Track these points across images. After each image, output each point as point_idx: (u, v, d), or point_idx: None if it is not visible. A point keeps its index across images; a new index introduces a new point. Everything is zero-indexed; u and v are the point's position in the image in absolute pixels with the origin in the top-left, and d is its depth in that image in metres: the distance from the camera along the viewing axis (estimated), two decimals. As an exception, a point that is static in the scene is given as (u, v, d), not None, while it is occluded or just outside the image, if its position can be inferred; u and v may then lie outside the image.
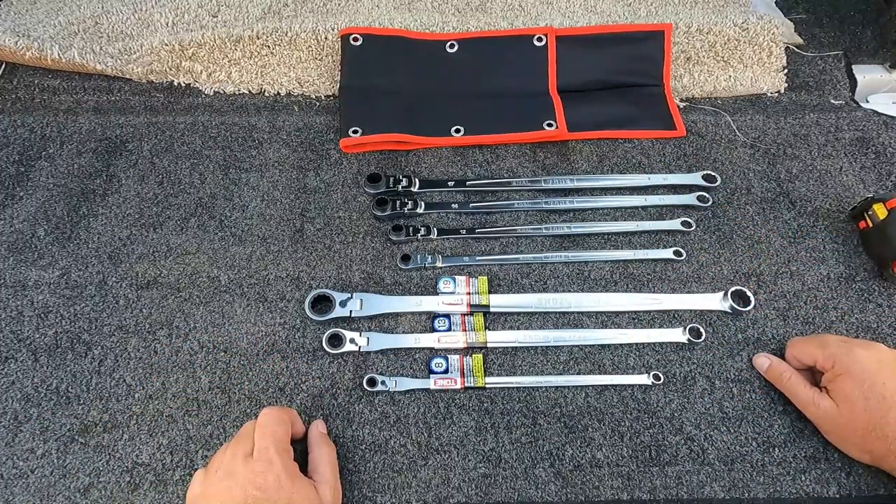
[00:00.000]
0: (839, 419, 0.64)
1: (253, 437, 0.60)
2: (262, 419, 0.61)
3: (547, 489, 0.67)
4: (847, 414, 0.63)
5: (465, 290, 0.79)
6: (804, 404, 0.68)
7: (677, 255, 0.84)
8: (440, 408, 0.72)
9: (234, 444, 0.60)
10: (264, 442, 0.58)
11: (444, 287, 0.80)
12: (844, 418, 0.63)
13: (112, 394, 0.72)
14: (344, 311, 0.77)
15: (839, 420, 0.64)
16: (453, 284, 0.80)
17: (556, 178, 0.91)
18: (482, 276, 0.81)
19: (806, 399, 0.67)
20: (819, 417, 0.66)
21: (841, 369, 0.64)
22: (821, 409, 0.65)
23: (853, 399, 0.62)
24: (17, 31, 1.00)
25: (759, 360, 0.73)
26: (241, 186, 0.90)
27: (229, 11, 1.06)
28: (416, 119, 0.95)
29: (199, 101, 1.00)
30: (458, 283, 0.80)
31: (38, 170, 0.90)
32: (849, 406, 0.62)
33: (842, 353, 0.64)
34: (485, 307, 0.78)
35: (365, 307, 0.77)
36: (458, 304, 0.78)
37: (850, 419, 0.62)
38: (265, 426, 0.60)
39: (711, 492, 0.67)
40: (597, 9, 1.09)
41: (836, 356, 0.64)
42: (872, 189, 0.92)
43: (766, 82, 1.04)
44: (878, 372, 0.62)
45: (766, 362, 0.72)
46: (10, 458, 0.67)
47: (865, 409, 0.61)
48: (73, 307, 0.78)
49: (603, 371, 0.75)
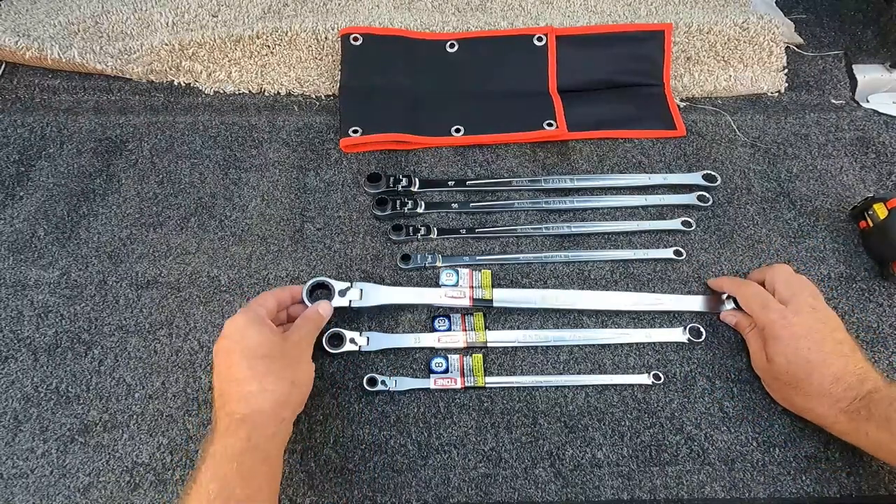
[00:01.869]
0: (770, 373, 0.70)
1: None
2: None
3: (547, 489, 0.67)
4: (775, 370, 0.69)
5: (469, 284, 0.79)
6: (752, 356, 0.74)
7: (677, 254, 0.84)
8: (440, 407, 0.72)
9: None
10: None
11: (447, 279, 0.79)
12: (773, 374, 0.69)
13: (112, 393, 0.72)
14: (343, 301, 0.75)
15: (770, 374, 0.70)
16: (456, 277, 0.79)
17: (556, 178, 0.91)
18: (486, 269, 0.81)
19: (753, 349, 0.73)
20: (757, 367, 0.73)
21: (770, 334, 0.69)
22: (758, 361, 0.72)
23: (778, 360, 0.68)
24: (17, 31, 1.00)
25: (729, 317, 0.78)
26: (241, 186, 0.90)
27: (229, 11, 1.06)
28: (416, 119, 0.95)
29: (199, 101, 1.00)
30: (462, 275, 0.80)
31: (38, 170, 0.90)
32: (776, 364, 0.68)
33: (773, 319, 0.69)
34: (487, 301, 0.78)
35: (365, 297, 0.76)
36: (461, 298, 0.78)
37: (776, 375, 0.69)
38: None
39: (711, 491, 0.67)
40: (597, 9, 1.09)
41: (768, 320, 0.69)
42: (873, 189, 0.92)
43: (766, 82, 1.04)
44: (804, 338, 0.67)
45: (733, 319, 0.77)
46: (10, 457, 0.67)
47: (788, 370, 0.67)
48: (73, 307, 0.78)
49: (603, 371, 0.75)
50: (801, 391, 0.66)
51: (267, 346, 0.61)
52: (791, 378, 0.67)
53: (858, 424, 0.62)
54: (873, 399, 0.61)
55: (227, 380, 0.60)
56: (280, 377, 0.60)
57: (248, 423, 0.57)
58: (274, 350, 0.62)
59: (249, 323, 0.63)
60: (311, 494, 0.66)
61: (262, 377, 0.59)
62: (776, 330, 0.68)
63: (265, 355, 0.61)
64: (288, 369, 0.62)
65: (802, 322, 0.68)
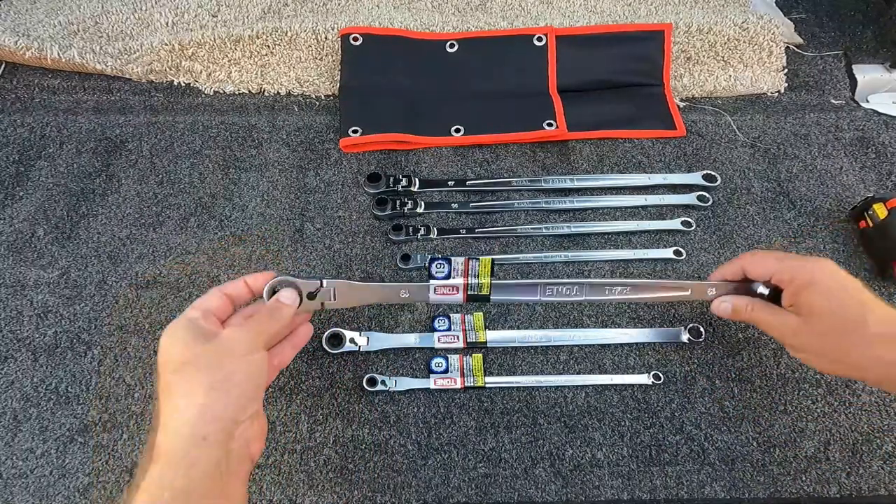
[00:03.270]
0: (809, 333, 0.59)
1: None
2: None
3: (547, 489, 0.67)
4: (818, 325, 0.58)
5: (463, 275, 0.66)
6: (769, 326, 0.63)
7: (677, 254, 0.84)
8: (440, 407, 0.72)
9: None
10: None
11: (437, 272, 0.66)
12: (815, 330, 0.58)
13: (112, 393, 0.72)
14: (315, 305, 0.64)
15: (809, 333, 0.59)
16: (447, 268, 0.66)
17: (556, 178, 0.91)
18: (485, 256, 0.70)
19: (772, 319, 0.62)
20: (786, 335, 0.62)
21: (803, 280, 0.59)
22: (786, 326, 0.61)
23: (822, 308, 0.57)
24: (17, 31, 1.00)
25: (722, 307, 0.67)
26: (240, 186, 0.90)
27: (229, 11, 1.06)
28: (415, 119, 0.95)
29: (199, 101, 1.00)
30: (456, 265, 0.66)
31: (37, 169, 0.90)
32: (818, 316, 0.58)
33: (799, 264, 0.60)
34: (485, 297, 0.67)
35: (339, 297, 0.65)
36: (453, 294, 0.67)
37: (821, 329, 0.58)
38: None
39: (712, 491, 0.67)
40: (597, 9, 1.09)
41: (794, 268, 0.60)
42: (872, 189, 0.92)
43: (766, 82, 1.04)
44: (846, 279, 0.58)
45: (727, 306, 0.66)
46: (10, 457, 0.67)
47: (838, 315, 0.57)
48: (72, 307, 0.78)
49: (603, 371, 0.75)
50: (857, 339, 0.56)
51: (183, 353, 0.50)
52: (842, 323, 0.56)
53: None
54: None
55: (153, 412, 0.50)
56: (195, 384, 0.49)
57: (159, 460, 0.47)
58: (191, 355, 0.50)
59: (172, 331, 0.52)
60: (311, 494, 0.66)
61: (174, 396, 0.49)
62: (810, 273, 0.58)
63: (182, 364, 0.50)
64: (208, 373, 0.49)
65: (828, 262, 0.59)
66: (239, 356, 0.52)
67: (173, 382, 0.49)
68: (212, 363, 0.50)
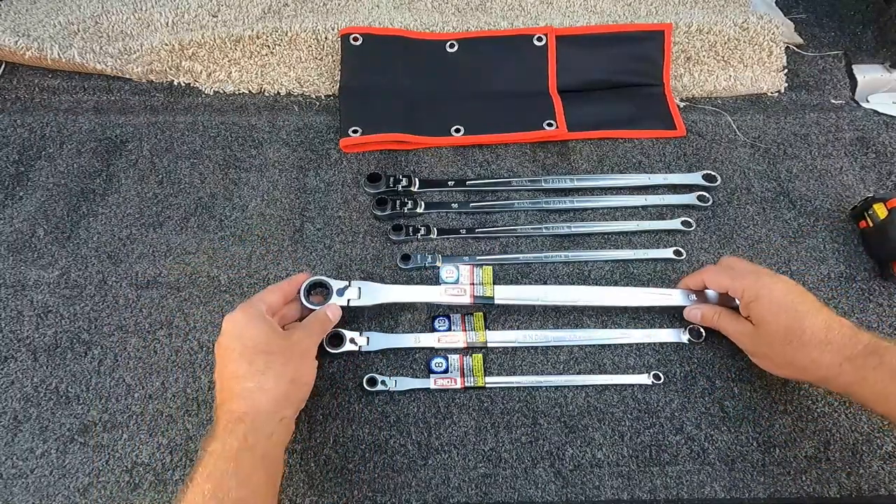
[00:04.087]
0: (759, 338, 0.67)
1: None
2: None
3: (547, 489, 0.67)
4: (765, 334, 0.66)
5: (469, 281, 0.77)
6: (731, 333, 0.72)
7: (677, 254, 0.84)
8: (440, 407, 0.72)
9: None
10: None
11: (447, 276, 0.77)
12: (763, 336, 0.66)
13: (112, 394, 0.72)
14: (342, 301, 0.73)
15: (759, 339, 0.67)
16: (457, 274, 0.78)
17: (556, 178, 0.91)
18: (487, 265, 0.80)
19: (732, 328, 0.71)
20: (743, 342, 0.70)
21: (751, 296, 0.67)
22: (743, 334, 0.69)
23: (767, 318, 0.65)
24: (17, 31, 1.00)
25: (692, 314, 0.76)
26: (241, 186, 0.90)
27: (229, 11, 1.06)
28: (416, 119, 0.95)
29: (199, 101, 1.00)
30: (462, 272, 0.78)
31: (37, 170, 0.90)
32: (765, 325, 0.66)
33: (750, 282, 0.67)
34: (489, 299, 0.75)
35: (364, 296, 0.74)
36: (462, 295, 0.76)
37: (767, 334, 0.66)
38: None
39: (711, 492, 0.67)
40: (597, 9, 1.09)
41: (745, 286, 0.67)
42: (872, 189, 0.92)
43: (766, 82, 1.04)
44: (787, 293, 0.65)
45: (697, 313, 0.75)
46: (10, 457, 0.67)
47: (778, 323, 0.64)
48: (72, 307, 0.78)
49: (603, 371, 0.75)
50: (797, 344, 0.63)
51: (265, 342, 0.61)
52: (783, 332, 0.64)
53: (866, 374, 0.59)
54: (884, 348, 0.59)
55: (226, 377, 0.60)
56: (279, 374, 0.60)
57: (246, 421, 0.57)
58: (273, 346, 0.61)
59: (248, 319, 0.62)
60: (311, 494, 0.66)
61: (260, 374, 0.59)
62: (756, 289, 0.66)
63: (264, 351, 0.60)
64: (288, 366, 0.61)
65: (778, 279, 0.67)
66: (307, 360, 0.65)
67: (260, 363, 0.59)
68: (293, 359, 0.62)
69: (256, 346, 0.60)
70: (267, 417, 0.58)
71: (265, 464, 0.57)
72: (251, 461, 0.55)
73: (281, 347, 0.61)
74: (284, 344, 0.62)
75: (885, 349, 0.60)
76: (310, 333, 0.66)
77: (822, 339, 0.62)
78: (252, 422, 0.57)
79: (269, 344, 0.61)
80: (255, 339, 0.61)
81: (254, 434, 0.56)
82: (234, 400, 0.58)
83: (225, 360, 0.61)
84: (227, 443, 0.55)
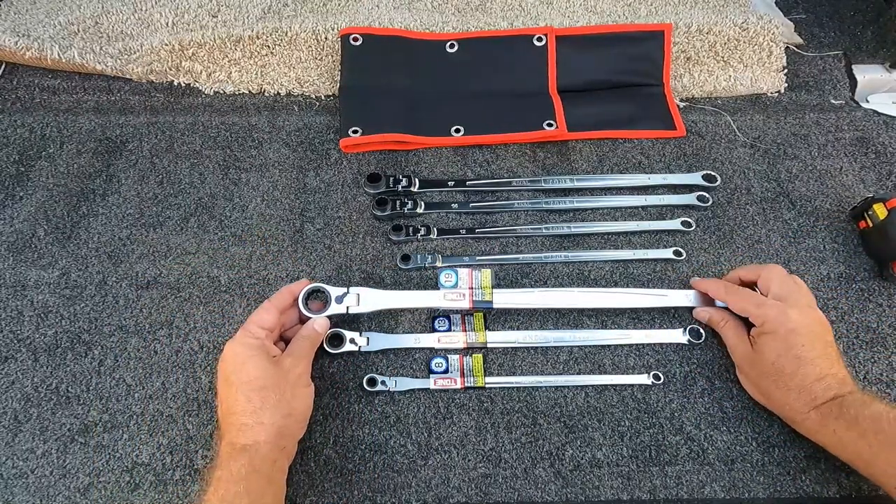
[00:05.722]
0: (753, 367, 0.70)
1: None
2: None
3: (547, 489, 0.67)
4: (761, 362, 0.68)
5: (468, 285, 0.78)
6: (729, 344, 0.74)
7: (677, 254, 0.84)
8: (440, 408, 0.72)
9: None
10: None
11: (446, 281, 0.78)
12: (756, 364, 0.69)
13: (112, 394, 0.72)
14: (340, 308, 0.74)
15: (751, 362, 0.70)
16: (455, 278, 0.78)
17: (556, 178, 0.91)
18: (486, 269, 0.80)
19: (732, 341, 0.73)
20: (736, 355, 0.72)
21: (767, 329, 0.68)
22: (742, 353, 0.71)
23: (769, 353, 0.67)
24: (17, 31, 1.00)
25: (702, 314, 0.77)
26: (241, 186, 0.90)
27: (229, 11, 1.06)
28: (416, 119, 0.95)
29: (199, 101, 1.00)
30: (461, 276, 0.78)
31: (37, 170, 0.90)
32: (764, 356, 0.68)
33: (772, 315, 0.68)
34: (488, 303, 0.76)
35: (363, 303, 0.75)
36: (461, 300, 0.77)
37: (761, 367, 0.68)
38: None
39: (711, 492, 0.67)
40: (597, 9, 1.09)
41: (766, 316, 0.68)
42: (872, 189, 0.92)
43: (766, 82, 1.04)
44: (800, 335, 0.66)
45: (706, 315, 0.77)
46: (10, 458, 0.67)
47: (776, 364, 0.66)
48: (73, 307, 0.78)
49: (603, 371, 0.75)
50: (781, 385, 0.66)
51: (262, 377, 0.62)
52: (775, 372, 0.66)
53: (827, 422, 0.63)
54: (846, 399, 0.63)
55: (226, 411, 0.62)
56: (276, 409, 0.61)
57: (249, 451, 0.59)
58: (269, 381, 0.62)
59: (247, 352, 0.63)
60: (311, 494, 0.66)
61: (258, 411, 0.60)
62: (774, 325, 0.67)
63: (262, 387, 0.61)
64: (283, 401, 0.62)
65: (799, 320, 0.67)
66: (302, 387, 0.65)
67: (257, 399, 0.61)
68: (286, 390, 0.63)
69: (252, 381, 0.61)
70: (268, 449, 0.59)
71: (272, 486, 0.59)
72: (259, 483, 0.57)
73: (275, 380, 0.62)
74: (278, 374, 0.63)
75: (849, 400, 0.62)
76: (300, 357, 0.67)
77: (804, 387, 0.65)
78: (255, 452, 0.59)
79: (266, 378, 0.62)
80: (250, 375, 0.62)
81: (257, 461, 0.58)
82: (234, 434, 0.60)
83: (224, 392, 0.63)
84: (234, 469, 0.57)
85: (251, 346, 0.64)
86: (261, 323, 0.67)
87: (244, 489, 0.56)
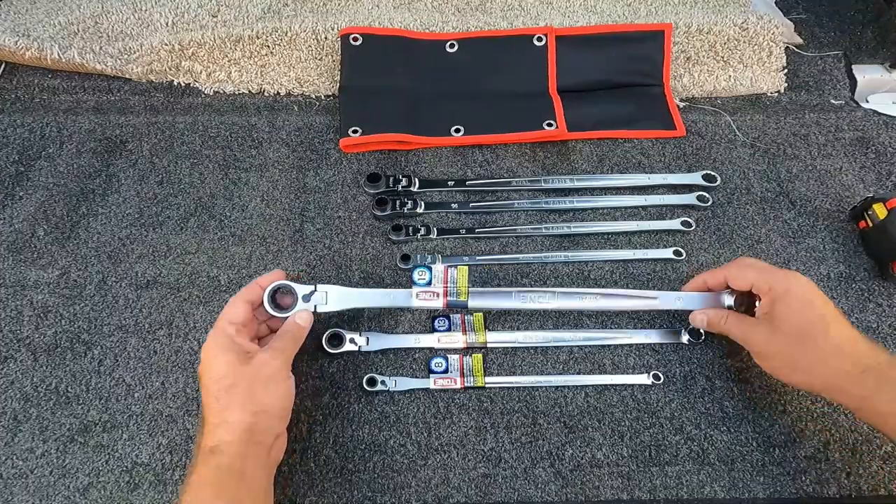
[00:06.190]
0: (773, 336, 0.64)
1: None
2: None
3: (547, 489, 0.67)
4: (783, 329, 0.63)
5: (443, 283, 0.73)
6: (739, 335, 0.68)
7: (677, 254, 0.84)
8: (440, 408, 0.72)
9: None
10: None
11: (419, 278, 0.73)
12: (781, 338, 0.63)
13: (112, 394, 0.72)
14: (308, 306, 0.70)
15: (776, 341, 0.64)
16: (429, 275, 0.73)
17: (556, 178, 0.91)
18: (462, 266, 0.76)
19: (740, 330, 0.68)
20: (753, 342, 0.66)
21: (779, 291, 0.64)
22: (757, 336, 0.66)
23: (790, 317, 0.63)
24: (17, 31, 1.00)
25: (698, 319, 0.73)
26: (240, 186, 0.90)
27: (229, 11, 1.05)
28: (416, 119, 0.95)
29: (199, 101, 1.00)
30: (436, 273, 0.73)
31: (37, 170, 0.90)
32: (787, 325, 0.63)
33: (777, 277, 0.65)
34: (462, 303, 0.73)
35: (331, 302, 0.71)
36: (434, 300, 0.73)
37: (785, 338, 0.63)
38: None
39: (711, 492, 0.67)
40: (597, 9, 1.09)
41: (772, 280, 0.65)
42: (872, 189, 0.92)
43: (766, 82, 1.04)
44: (816, 295, 0.63)
45: (703, 318, 0.72)
46: (10, 457, 0.67)
47: (801, 325, 0.62)
48: (72, 307, 0.78)
49: (603, 371, 0.75)
50: (813, 348, 0.61)
51: (229, 375, 0.60)
52: (801, 334, 0.61)
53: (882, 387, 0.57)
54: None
55: (203, 412, 0.60)
56: (243, 408, 0.59)
57: (216, 453, 0.57)
58: (237, 378, 0.60)
59: (214, 350, 0.62)
60: (311, 494, 0.66)
61: (223, 411, 0.59)
62: (786, 284, 0.63)
63: (227, 386, 0.59)
64: (252, 398, 0.59)
65: (809, 282, 0.64)
66: (277, 383, 0.62)
67: (224, 398, 0.59)
68: (257, 389, 0.60)
69: (219, 380, 0.60)
70: (237, 447, 0.57)
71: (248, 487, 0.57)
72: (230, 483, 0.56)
73: (244, 377, 0.60)
74: (248, 371, 0.61)
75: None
76: (278, 352, 0.64)
77: (842, 348, 0.60)
78: (222, 453, 0.57)
79: (234, 376, 0.60)
80: (219, 373, 0.60)
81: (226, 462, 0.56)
82: (205, 436, 0.59)
83: (202, 393, 0.61)
84: (203, 474, 0.56)
85: (219, 344, 0.62)
86: (230, 318, 0.64)
87: (214, 493, 0.55)
